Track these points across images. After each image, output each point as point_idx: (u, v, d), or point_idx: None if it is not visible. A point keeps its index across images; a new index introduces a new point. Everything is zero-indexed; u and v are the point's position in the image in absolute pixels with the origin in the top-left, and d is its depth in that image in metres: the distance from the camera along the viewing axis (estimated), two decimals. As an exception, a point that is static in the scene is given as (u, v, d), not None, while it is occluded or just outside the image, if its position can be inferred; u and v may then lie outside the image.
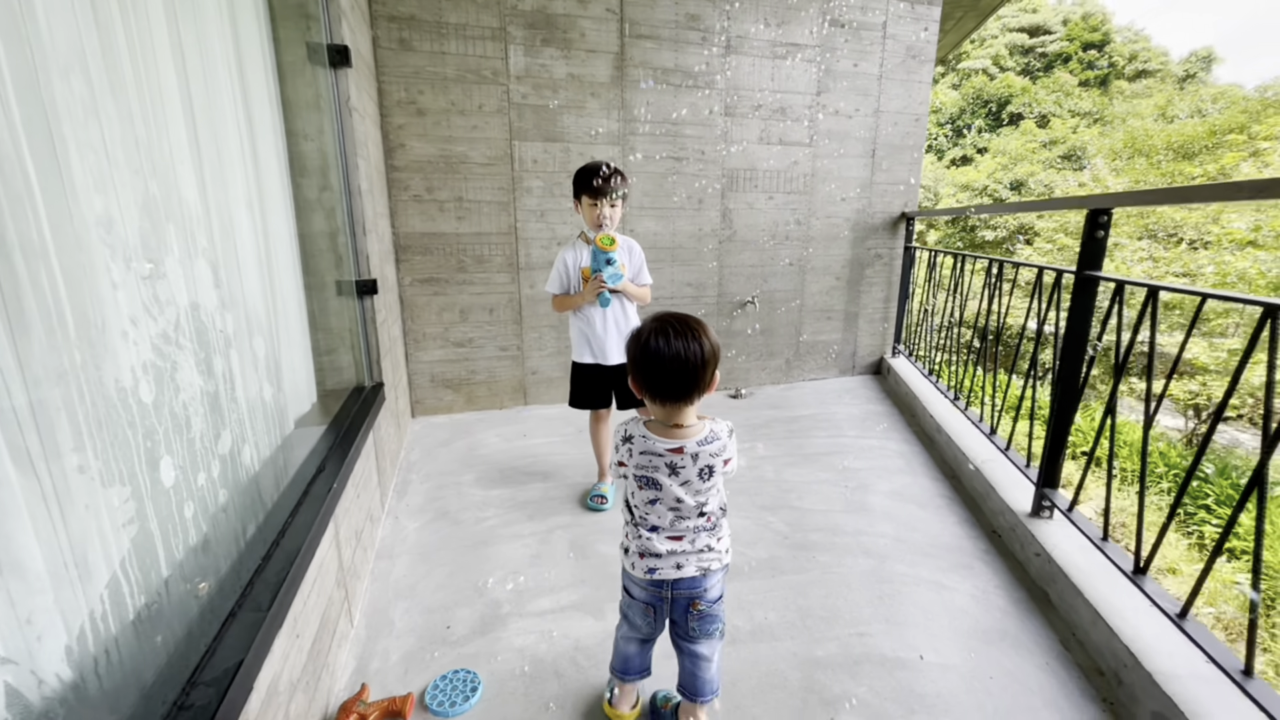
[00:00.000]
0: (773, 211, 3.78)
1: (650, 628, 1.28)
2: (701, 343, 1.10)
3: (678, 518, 1.18)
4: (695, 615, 1.23)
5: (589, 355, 2.32)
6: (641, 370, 1.13)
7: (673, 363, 1.09)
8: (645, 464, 1.16)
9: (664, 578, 1.20)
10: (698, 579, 1.20)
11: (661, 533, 1.20)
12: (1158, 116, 25.27)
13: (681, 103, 3.43)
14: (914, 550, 2.03)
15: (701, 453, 1.15)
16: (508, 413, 3.49)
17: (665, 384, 1.11)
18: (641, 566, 1.21)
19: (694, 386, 1.11)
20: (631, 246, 2.34)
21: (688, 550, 1.19)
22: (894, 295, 4.18)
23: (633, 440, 1.18)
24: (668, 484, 1.15)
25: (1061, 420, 1.88)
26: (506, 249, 3.33)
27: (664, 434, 1.16)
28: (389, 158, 3.03)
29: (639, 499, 1.20)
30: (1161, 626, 1.42)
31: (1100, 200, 1.72)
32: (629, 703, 1.38)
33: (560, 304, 2.29)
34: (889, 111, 3.85)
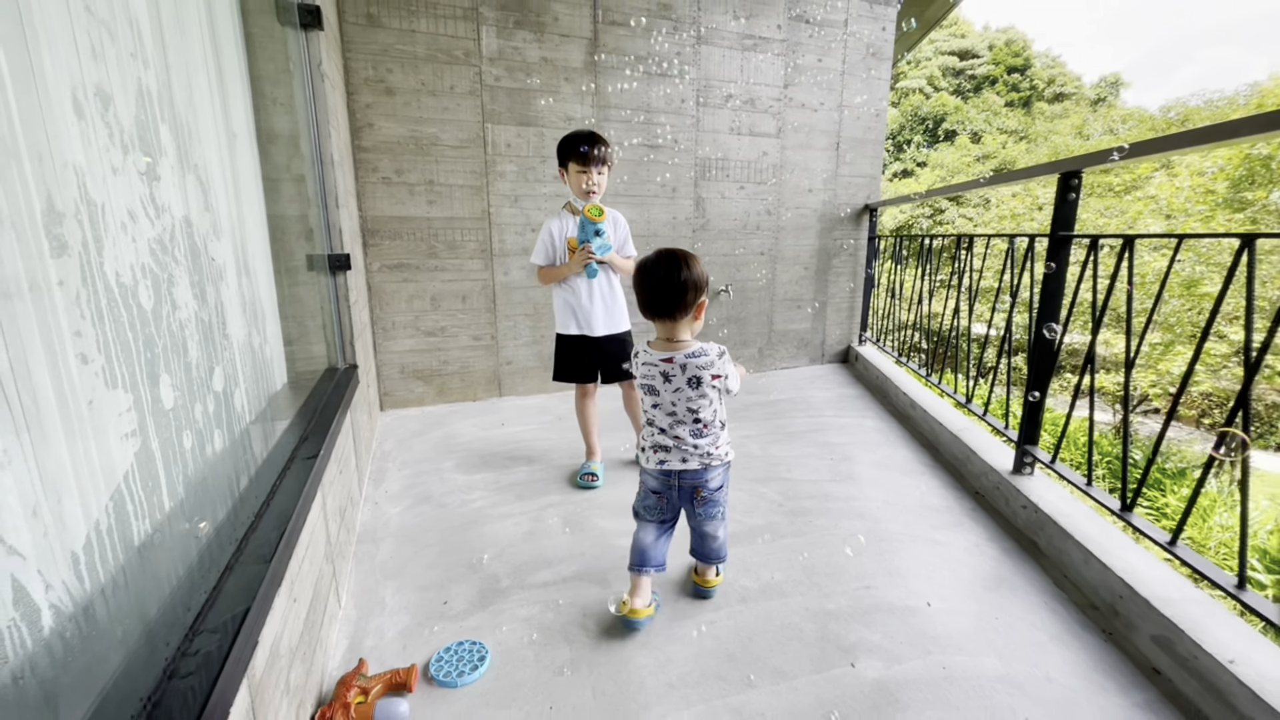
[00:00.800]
0: (744, 201, 3.84)
1: (661, 513, 1.51)
2: (686, 269, 1.37)
3: (675, 421, 1.43)
4: (699, 501, 1.48)
5: (574, 326, 2.27)
6: (640, 289, 1.41)
7: (661, 283, 1.37)
8: (646, 374, 1.43)
9: (671, 468, 1.45)
10: (700, 471, 1.45)
11: (666, 434, 1.44)
12: (1075, 134, 27.27)
13: (654, 91, 3.45)
14: (905, 512, 2.06)
15: (689, 364, 1.39)
16: (482, 404, 3.38)
17: (655, 301, 1.38)
18: (653, 460, 1.46)
19: (678, 305, 1.37)
20: (617, 219, 2.31)
21: (689, 449, 1.43)
22: (860, 285, 4.31)
23: (638, 355, 1.46)
24: (663, 390, 1.41)
25: (1039, 378, 1.96)
26: (480, 234, 3.24)
27: (661, 348, 1.42)
28: (356, 137, 2.91)
29: (646, 404, 1.47)
30: (1151, 558, 1.49)
31: (1070, 163, 1.82)
32: (644, 599, 1.48)
33: (546, 275, 2.24)
34: (852, 106, 3.99)
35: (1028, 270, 2.16)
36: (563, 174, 2.17)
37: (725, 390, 1.44)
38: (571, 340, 2.30)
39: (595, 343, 2.30)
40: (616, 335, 2.32)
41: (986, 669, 1.34)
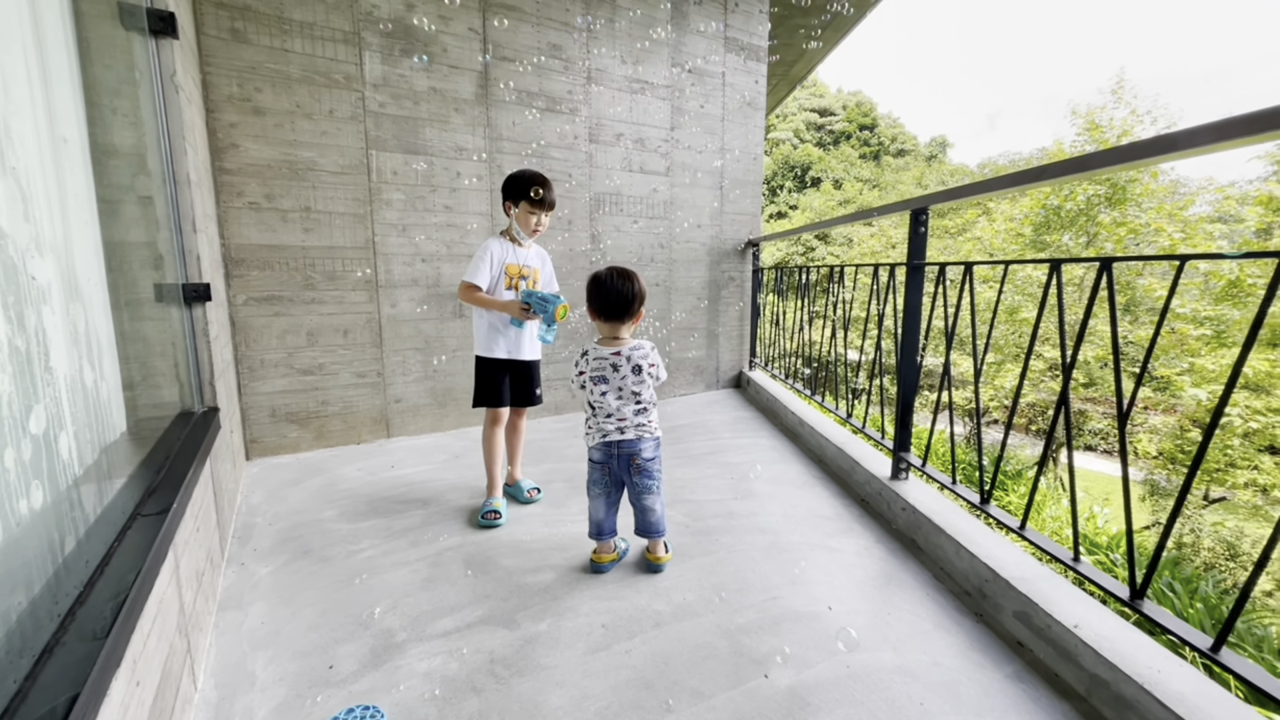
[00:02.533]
0: (638, 235, 3.97)
1: (608, 486, 1.80)
2: (633, 284, 1.75)
3: (621, 402, 1.75)
4: (636, 470, 1.76)
5: (502, 350, 2.23)
6: (597, 299, 1.74)
7: (616, 294, 1.72)
8: (598, 366, 1.76)
9: (612, 439, 1.75)
10: (634, 441, 1.76)
11: (612, 417, 1.75)
12: (916, 184, 31.39)
13: (547, 127, 3.51)
14: (801, 523, 2.18)
15: (633, 355, 1.75)
16: (368, 447, 3.12)
17: (610, 308, 1.73)
18: (598, 436, 1.77)
19: (626, 311, 1.75)
20: (544, 257, 2.35)
21: (628, 424, 1.75)
22: (747, 313, 4.58)
23: (588, 353, 1.79)
24: (612, 378, 1.75)
25: (907, 392, 2.18)
26: (364, 265, 3.05)
27: (609, 344, 1.77)
28: (218, 158, 2.65)
29: (595, 393, 1.76)
30: (1007, 544, 1.69)
31: (918, 201, 2.08)
32: (607, 551, 1.86)
33: (477, 299, 2.16)
34: (733, 150, 4.31)
35: (890, 296, 2.43)
36: (509, 208, 2.19)
37: (656, 377, 1.79)
38: (497, 364, 2.24)
39: (520, 366, 2.28)
40: (537, 360, 2.35)
41: (885, 662, 1.43)
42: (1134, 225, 9.52)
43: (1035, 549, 1.58)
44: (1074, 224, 10.49)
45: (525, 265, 2.24)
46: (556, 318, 2.03)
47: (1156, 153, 1.22)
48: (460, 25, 3.16)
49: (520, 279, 2.22)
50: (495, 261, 2.16)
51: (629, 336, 1.79)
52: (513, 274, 2.20)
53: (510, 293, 2.20)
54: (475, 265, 2.14)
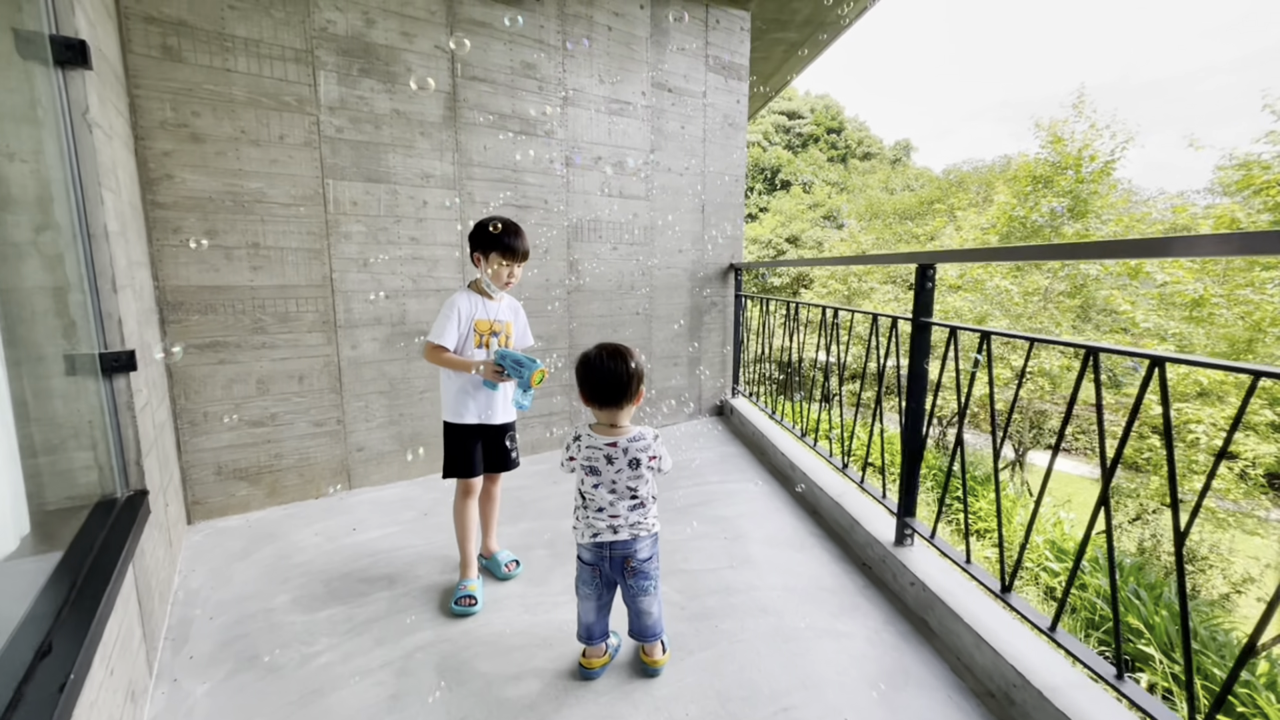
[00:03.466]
0: (618, 262, 3.78)
1: (599, 588, 1.60)
2: (630, 364, 1.52)
3: (615, 497, 1.54)
4: (630, 571, 1.56)
5: (472, 414, 2.01)
6: (588, 383, 1.53)
7: (609, 376, 1.50)
8: (590, 455, 1.54)
9: (604, 540, 1.55)
10: (629, 542, 1.55)
11: (604, 512, 1.55)
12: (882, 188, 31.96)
13: (521, 150, 3.28)
14: (804, 598, 2.03)
15: (631, 447, 1.53)
16: (327, 502, 2.85)
17: (605, 393, 1.51)
18: (588, 534, 1.56)
19: (624, 395, 1.52)
20: (517, 309, 2.15)
21: (622, 522, 1.54)
22: (730, 339, 4.44)
23: (580, 439, 1.56)
24: (605, 470, 1.53)
25: (912, 457, 2.06)
26: (320, 304, 2.78)
27: (604, 433, 1.55)
28: (149, 191, 2.36)
29: (587, 484, 1.56)
30: (1035, 641, 1.57)
31: (926, 257, 1.95)
32: (598, 655, 1.66)
33: (445, 360, 1.93)
34: (714, 171, 4.16)
35: (891, 345, 2.30)
36: (478, 260, 1.97)
37: (658, 469, 1.59)
38: (469, 430, 2.02)
39: (493, 431, 2.08)
40: (511, 422, 2.15)
41: (913, 796, 1.28)
42: (1097, 237, 9.77)
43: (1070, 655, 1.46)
44: (1038, 235, 10.72)
45: (496, 320, 2.03)
46: (533, 383, 1.83)
47: (1157, 253, 1.11)
48: (425, 43, 2.91)
49: (491, 335, 2.01)
50: (463, 318, 1.94)
51: (628, 423, 1.59)
52: (483, 330, 1.99)
53: (481, 351, 1.99)
54: (441, 324, 1.92)
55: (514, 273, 1.95)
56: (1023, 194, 10.93)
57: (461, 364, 1.92)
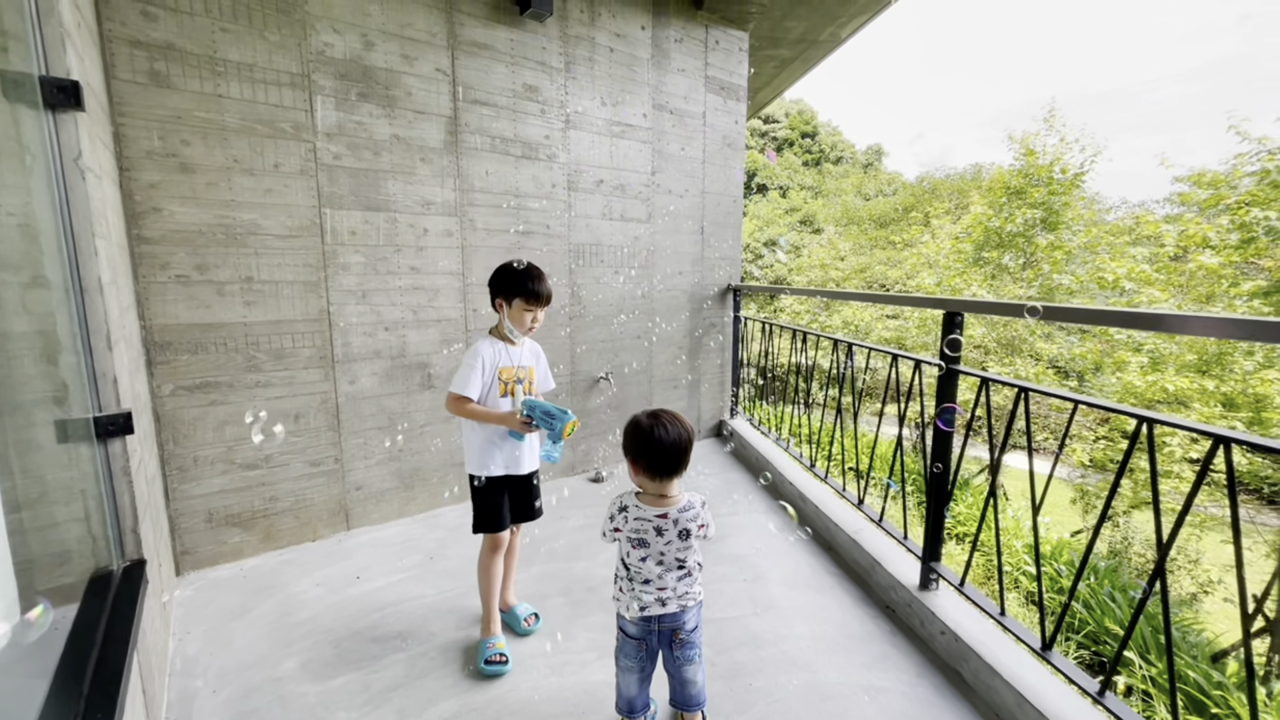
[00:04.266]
0: (619, 286, 3.72)
1: (643, 661, 1.52)
2: (686, 430, 1.45)
3: (664, 569, 1.46)
4: (678, 644, 1.50)
5: (499, 466, 1.93)
6: (646, 454, 1.42)
7: (671, 448, 1.41)
8: (639, 528, 1.45)
9: (651, 614, 1.46)
10: (678, 614, 1.48)
11: (651, 585, 1.46)
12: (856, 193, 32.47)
13: (523, 175, 3.20)
14: (834, 648, 2.00)
15: (681, 518, 1.46)
16: (325, 545, 2.73)
17: (663, 464, 1.42)
18: (634, 608, 1.46)
19: (681, 464, 1.44)
20: (538, 353, 2.07)
21: (670, 594, 1.46)
22: (728, 361, 4.42)
23: (628, 510, 1.47)
24: (654, 543, 1.45)
25: (938, 501, 2.05)
26: (317, 339, 2.66)
27: (653, 503, 1.46)
28: (135, 225, 2.21)
29: (634, 557, 1.47)
30: (1079, 699, 1.56)
31: (953, 305, 1.94)
32: None
33: (470, 412, 1.85)
34: (713, 193, 4.13)
35: (913, 384, 2.29)
36: (500, 305, 1.90)
37: (705, 537, 1.51)
38: (496, 483, 1.94)
39: (520, 481, 2.00)
40: (535, 470, 2.07)
41: None
42: (1068, 248, 10.07)
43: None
44: (1012, 244, 11.00)
45: (519, 366, 1.95)
46: (564, 435, 1.76)
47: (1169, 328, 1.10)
48: (426, 65, 2.81)
49: (515, 383, 1.93)
50: (487, 367, 1.86)
51: (678, 491, 1.50)
52: (507, 378, 1.91)
53: (506, 401, 1.91)
54: (465, 375, 1.83)
55: (537, 317, 1.88)
56: (997, 204, 11.19)
57: (488, 416, 1.83)
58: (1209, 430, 1.22)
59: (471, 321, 3.10)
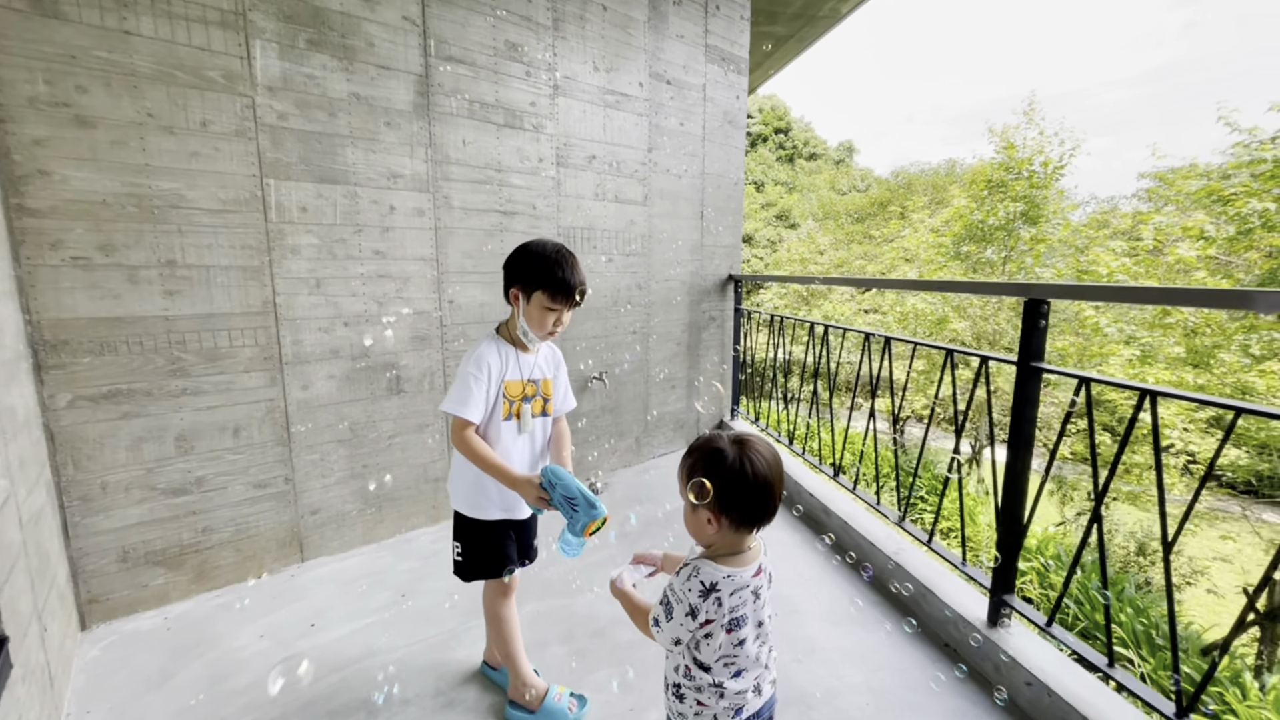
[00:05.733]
0: (614, 276, 3.33)
1: None
2: (777, 458, 1.00)
3: (761, 644, 1.05)
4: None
5: (496, 509, 1.53)
6: (738, 500, 0.96)
7: (770, 487, 0.97)
8: (738, 603, 0.98)
9: (752, 709, 1.04)
10: (772, 699, 1.09)
11: (747, 675, 1.02)
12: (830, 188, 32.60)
13: (506, 146, 2.78)
14: (899, 705, 1.67)
15: (767, 566, 1.04)
16: (274, 582, 2.29)
17: (763, 510, 0.97)
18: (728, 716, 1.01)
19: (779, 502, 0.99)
20: (559, 362, 1.65)
21: (764, 674, 1.06)
22: (728, 357, 4.08)
23: (719, 586, 0.96)
24: (753, 613, 1.01)
25: (1015, 524, 1.73)
26: (260, 336, 2.21)
27: (743, 562, 1.00)
28: (14, 192, 1.74)
29: (727, 645, 0.99)
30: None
31: (1038, 290, 1.62)
32: None
33: (473, 454, 1.41)
34: (713, 174, 3.77)
35: (976, 387, 1.97)
36: (516, 296, 1.44)
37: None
38: (491, 527, 1.54)
39: (521, 524, 1.61)
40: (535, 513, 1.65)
41: None
42: (1050, 241, 10.06)
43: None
44: (993, 238, 10.97)
45: (531, 380, 1.53)
46: (586, 534, 1.24)
47: None
48: (391, 12, 2.37)
49: (524, 401, 1.51)
50: (495, 379, 1.45)
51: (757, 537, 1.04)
52: (514, 395, 1.49)
53: (511, 426, 1.49)
54: (463, 390, 1.40)
55: (562, 319, 1.44)
56: (979, 197, 11.14)
57: (497, 470, 1.39)
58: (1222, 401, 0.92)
59: (448, 315, 2.68)
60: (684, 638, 0.99)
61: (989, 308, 10.74)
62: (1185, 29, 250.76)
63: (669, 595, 1.00)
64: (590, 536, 1.24)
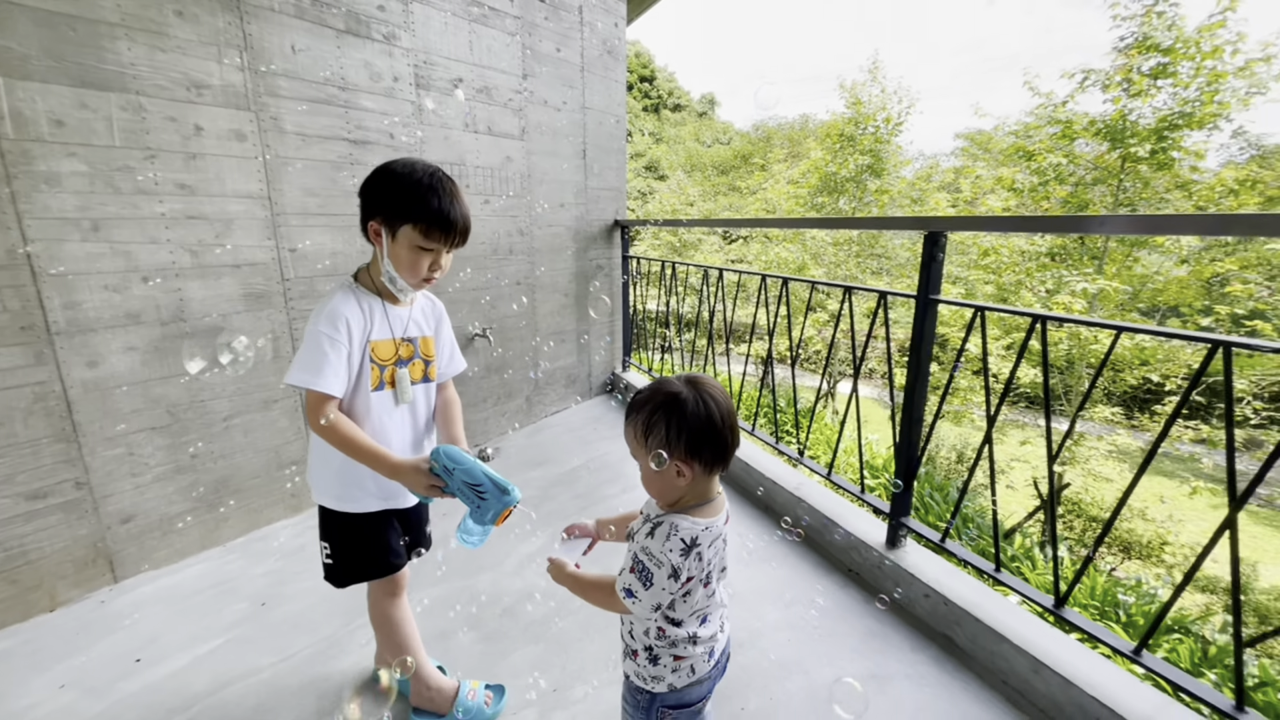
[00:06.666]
0: (492, 220, 2.99)
1: None
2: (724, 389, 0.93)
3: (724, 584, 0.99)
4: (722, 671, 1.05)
5: (373, 499, 1.24)
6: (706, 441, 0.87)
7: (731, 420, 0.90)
8: (714, 555, 0.92)
9: (721, 646, 1.01)
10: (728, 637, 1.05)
11: (713, 616, 0.97)
12: (695, 140, 33.14)
13: (351, 59, 2.29)
14: (816, 635, 1.72)
15: None
16: (75, 614, 1.80)
17: (732, 443, 0.91)
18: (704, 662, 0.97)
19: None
20: (440, 314, 1.35)
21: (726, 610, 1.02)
22: (618, 307, 3.93)
23: (699, 540, 0.88)
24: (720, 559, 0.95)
25: (910, 445, 1.82)
26: (11, 298, 1.63)
27: (715, 510, 0.93)
28: None
29: (702, 601, 0.93)
30: (1106, 663, 1.42)
31: (935, 223, 1.65)
32: None
33: (338, 437, 1.09)
34: (594, 109, 3.49)
35: (873, 323, 2.02)
36: (376, 232, 1.11)
37: None
38: (369, 520, 1.25)
39: (406, 514, 1.35)
40: None
41: None
42: (892, 192, 11.09)
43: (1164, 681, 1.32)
44: (845, 189, 11.84)
45: (406, 339, 1.24)
46: (502, 516, 1.03)
47: None
48: None
49: (397, 365, 1.21)
50: (354, 340, 1.13)
51: None
52: (384, 358, 1.19)
53: (383, 396, 1.19)
54: (314, 355, 1.07)
55: (440, 261, 1.14)
56: (833, 150, 11.88)
57: (371, 456, 1.10)
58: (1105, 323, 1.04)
59: (291, 267, 2.21)
60: (664, 601, 0.89)
61: (841, 254, 11.69)
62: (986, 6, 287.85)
63: (643, 560, 0.88)
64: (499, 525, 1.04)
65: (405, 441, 1.25)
